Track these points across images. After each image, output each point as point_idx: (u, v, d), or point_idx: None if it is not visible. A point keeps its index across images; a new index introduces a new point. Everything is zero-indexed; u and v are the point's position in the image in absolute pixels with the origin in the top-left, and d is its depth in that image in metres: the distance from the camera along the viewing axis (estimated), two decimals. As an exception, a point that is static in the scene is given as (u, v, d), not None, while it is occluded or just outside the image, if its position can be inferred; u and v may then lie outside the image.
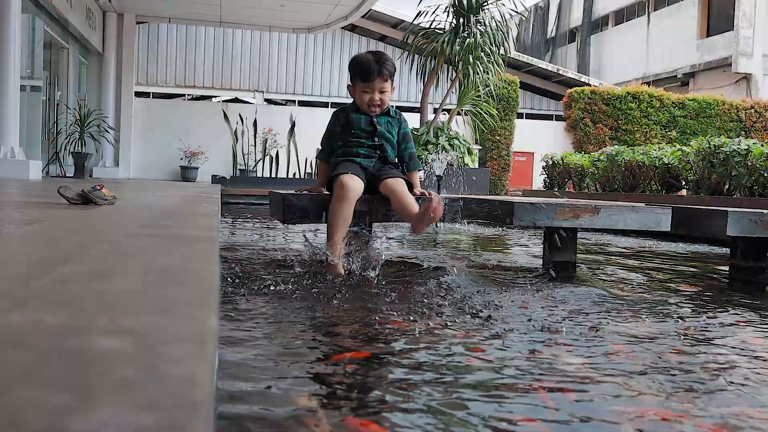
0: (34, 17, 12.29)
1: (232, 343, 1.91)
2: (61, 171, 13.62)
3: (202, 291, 1.02)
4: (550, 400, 1.57)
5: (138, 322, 0.81)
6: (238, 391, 1.50)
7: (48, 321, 0.79)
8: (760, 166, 7.73)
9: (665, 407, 1.55)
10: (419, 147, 12.38)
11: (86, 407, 0.52)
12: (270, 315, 2.38)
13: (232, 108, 18.72)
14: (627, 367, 1.87)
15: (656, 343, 2.19)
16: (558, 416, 1.48)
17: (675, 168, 9.46)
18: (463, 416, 1.43)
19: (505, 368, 1.82)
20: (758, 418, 1.52)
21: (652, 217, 3.65)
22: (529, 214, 3.50)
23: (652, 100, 19.83)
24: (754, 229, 3.67)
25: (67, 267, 1.23)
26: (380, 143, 3.58)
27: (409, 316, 2.42)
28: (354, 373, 1.72)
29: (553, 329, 2.33)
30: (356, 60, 3.60)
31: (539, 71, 22.15)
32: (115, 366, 0.63)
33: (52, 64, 14.34)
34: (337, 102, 20.06)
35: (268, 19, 17.17)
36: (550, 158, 13.33)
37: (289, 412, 1.41)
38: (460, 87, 13.69)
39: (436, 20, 13.70)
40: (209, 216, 2.91)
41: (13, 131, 9.30)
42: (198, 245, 1.71)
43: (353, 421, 1.36)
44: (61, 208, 2.95)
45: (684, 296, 3.35)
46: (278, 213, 3.72)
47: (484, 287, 3.21)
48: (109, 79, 17.06)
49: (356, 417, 1.39)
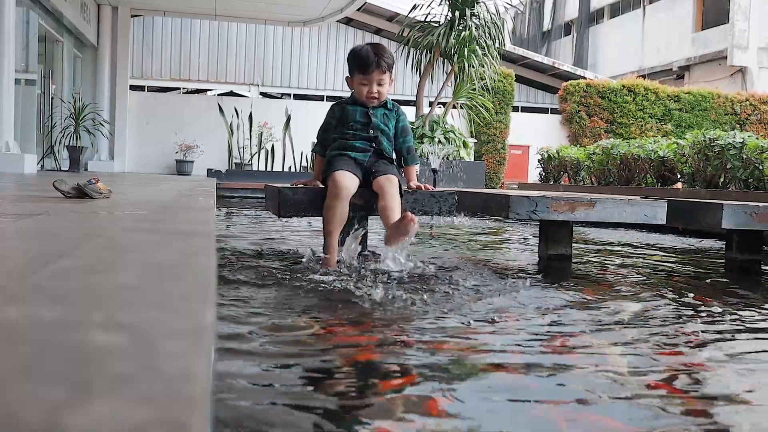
0: (28, 10, 12.23)
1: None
2: (56, 165, 13.58)
3: (198, 285, 1.02)
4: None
5: (134, 316, 0.80)
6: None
7: (44, 316, 0.79)
8: (755, 159, 7.75)
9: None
10: (415, 140, 12.37)
11: (82, 402, 0.52)
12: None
13: (227, 101, 18.67)
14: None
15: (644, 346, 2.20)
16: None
17: (670, 161, 9.47)
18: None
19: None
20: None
21: (648, 210, 3.66)
22: (525, 207, 3.50)
23: (648, 93, 19.84)
24: (748, 222, 3.68)
25: (63, 261, 1.23)
26: (375, 135, 3.58)
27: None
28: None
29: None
30: (355, 52, 3.60)
31: (535, 64, 22.13)
32: (112, 361, 0.63)
33: (47, 57, 14.27)
34: (333, 95, 20.03)
35: (264, 12, 17.12)
36: (545, 151, 13.33)
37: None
38: (455, 80, 13.67)
39: (432, 13, 13.69)
40: (205, 210, 2.90)
41: (8, 125, 9.27)
42: (194, 239, 1.71)
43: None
44: (56, 201, 2.95)
45: (678, 290, 3.35)
46: (274, 206, 3.72)
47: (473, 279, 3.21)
48: (104, 73, 16.99)
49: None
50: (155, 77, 19.94)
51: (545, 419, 1.44)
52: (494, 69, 13.61)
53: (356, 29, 21.01)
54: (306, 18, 17.80)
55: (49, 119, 14.02)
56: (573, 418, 1.44)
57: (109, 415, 0.50)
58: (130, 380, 0.57)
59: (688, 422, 1.45)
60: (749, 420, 1.50)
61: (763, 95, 20.42)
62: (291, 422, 1.33)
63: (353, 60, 3.58)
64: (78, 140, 13.80)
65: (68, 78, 15.56)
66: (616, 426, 1.41)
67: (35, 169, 9.89)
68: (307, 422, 1.32)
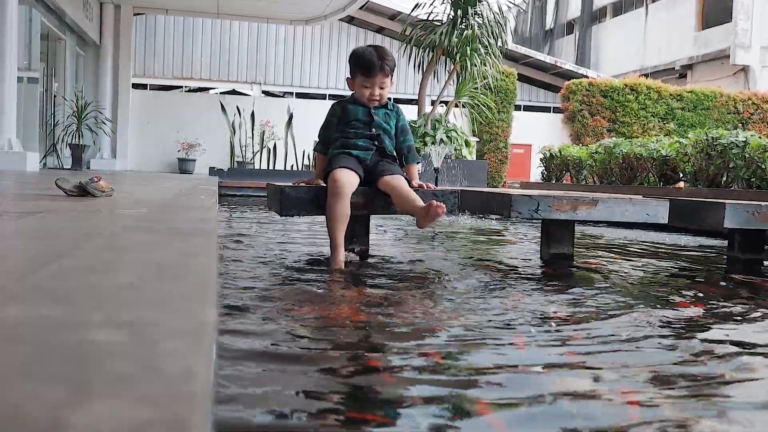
0: (30, 8, 12.24)
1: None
2: (58, 163, 13.60)
3: (199, 285, 1.02)
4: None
5: (135, 316, 0.80)
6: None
7: (44, 316, 0.79)
8: (757, 159, 7.73)
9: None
10: (417, 139, 12.37)
11: (83, 402, 0.52)
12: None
13: (229, 100, 18.67)
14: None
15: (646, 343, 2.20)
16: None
17: (672, 160, 9.45)
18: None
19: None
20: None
21: (650, 210, 3.66)
22: (526, 207, 3.50)
23: (650, 92, 19.81)
24: (751, 221, 3.68)
25: (64, 261, 1.23)
26: (377, 134, 3.59)
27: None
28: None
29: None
30: (357, 54, 3.60)
31: (537, 63, 22.11)
32: (112, 360, 0.63)
33: (49, 55, 14.28)
34: (335, 94, 20.02)
35: (266, 11, 17.12)
36: (547, 150, 13.32)
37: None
38: (457, 79, 13.67)
39: (434, 12, 13.68)
40: (207, 209, 2.90)
41: (10, 123, 9.28)
42: (195, 239, 1.71)
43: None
44: (58, 200, 2.95)
45: (679, 288, 3.35)
46: (276, 205, 3.72)
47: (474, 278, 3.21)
48: (106, 71, 17.00)
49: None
50: (157, 76, 19.95)
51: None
52: (496, 68, 13.60)
53: (358, 28, 21.00)
54: (308, 16, 17.80)
55: (52, 117, 14.04)
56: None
57: (109, 414, 0.50)
58: (131, 380, 0.57)
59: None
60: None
61: (765, 94, 20.38)
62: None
63: (355, 62, 3.59)
64: (80, 138, 13.82)
65: (70, 76, 15.58)
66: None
67: (37, 168, 9.90)
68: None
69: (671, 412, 1.47)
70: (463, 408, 1.46)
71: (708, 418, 1.46)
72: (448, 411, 1.43)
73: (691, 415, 1.47)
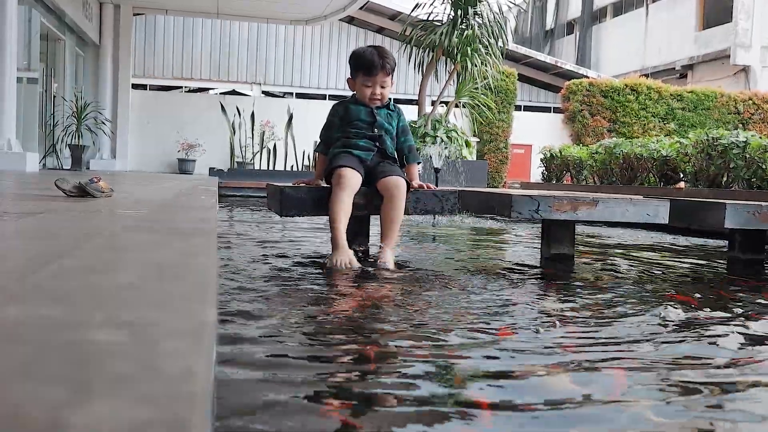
0: (30, 9, 12.23)
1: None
2: (58, 163, 13.59)
3: (199, 285, 1.02)
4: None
5: (135, 316, 0.80)
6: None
7: (44, 315, 0.78)
8: (758, 159, 7.73)
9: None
10: (417, 139, 12.37)
11: (83, 402, 0.52)
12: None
13: (229, 100, 18.68)
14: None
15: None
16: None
17: (673, 160, 9.45)
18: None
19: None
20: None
21: (650, 210, 3.65)
22: (527, 207, 3.50)
23: (651, 93, 19.81)
24: (751, 221, 3.67)
25: (64, 261, 1.23)
26: (379, 134, 3.60)
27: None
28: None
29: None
30: (358, 54, 3.61)
31: (537, 63, 22.11)
32: (112, 360, 0.63)
33: (49, 55, 14.28)
34: (335, 94, 20.02)
35: (266, 11, 17.12)
36: (548, 150, 13.32)
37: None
38: (457, 79, 13.66)
39: (434, 12, 13.66)
40: (207, 209, 2.90)
41: (10, 123, 9.28)
42: (195, 239, 1.71)
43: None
44: (57, 200, 2.95)
45: (679, 288, 3.35)
46: (276, 205, 3.72)
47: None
48: (105, 71, 17.00)
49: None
50: (157, 76, 19.95)
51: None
52: (497, 68, 13.59)
53: (358, 28, 21.01)
54: (308, 17, 17.80)
55: (51, 118, 14.04)
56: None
57: (109, 414, 0.49)
58: (131, 380, 0.57)
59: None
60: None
61: (766, 94, 20.38)
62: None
63: (356, 62, 3.60)
64: (80, 139, 13.81)
65: (70, 76, 15.57)
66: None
67: (37, 168, 9.90)
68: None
69: (672, 413, 1.47)
70: (463, 409, 1.46)
71: (709, 420, 1.46)
72: (448, 411, 1.43)
73: (692, 415, 1.47)
